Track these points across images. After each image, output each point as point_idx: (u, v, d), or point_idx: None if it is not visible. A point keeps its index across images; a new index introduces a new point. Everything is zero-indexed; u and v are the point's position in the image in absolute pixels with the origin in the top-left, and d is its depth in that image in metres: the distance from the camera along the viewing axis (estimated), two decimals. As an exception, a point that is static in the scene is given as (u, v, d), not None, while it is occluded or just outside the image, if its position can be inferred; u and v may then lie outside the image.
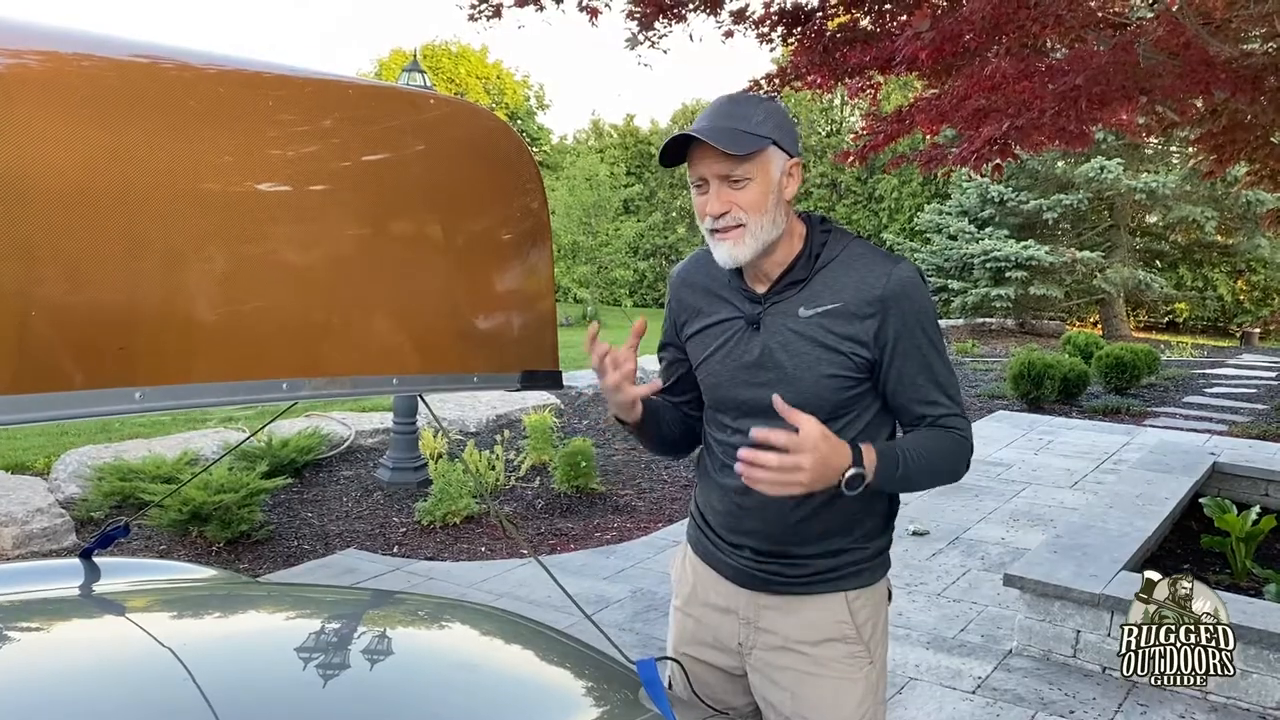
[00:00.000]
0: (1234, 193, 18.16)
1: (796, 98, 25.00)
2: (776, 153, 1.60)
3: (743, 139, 1.55)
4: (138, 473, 5.51)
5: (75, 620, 1.89)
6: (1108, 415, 10.01)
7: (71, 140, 1.24)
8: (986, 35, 3.80)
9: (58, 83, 1.27)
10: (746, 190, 1.58)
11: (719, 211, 1.59)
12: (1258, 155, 6.04)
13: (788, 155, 1.62)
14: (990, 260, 19.08)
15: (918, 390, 1.66)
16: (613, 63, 33.41)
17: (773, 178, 1.60)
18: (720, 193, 1.59)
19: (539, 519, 5.90)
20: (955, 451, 1.68)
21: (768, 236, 1.61)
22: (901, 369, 1.64)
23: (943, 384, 1.67)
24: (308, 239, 1.52)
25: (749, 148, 1.55)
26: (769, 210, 1.60)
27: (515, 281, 1.95)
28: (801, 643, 1.72)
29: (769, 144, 1.58)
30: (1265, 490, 5.97)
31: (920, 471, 1.62)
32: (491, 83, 38.43)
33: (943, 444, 1.67)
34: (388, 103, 1.74)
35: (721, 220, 1.60)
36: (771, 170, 1.59)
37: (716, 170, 1.58)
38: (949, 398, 1.68)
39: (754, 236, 1.60)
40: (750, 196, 1.58)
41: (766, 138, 1.58)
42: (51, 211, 1.19)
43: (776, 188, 1.60)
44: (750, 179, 1.58)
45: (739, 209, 1.59)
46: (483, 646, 1.91)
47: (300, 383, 1.46)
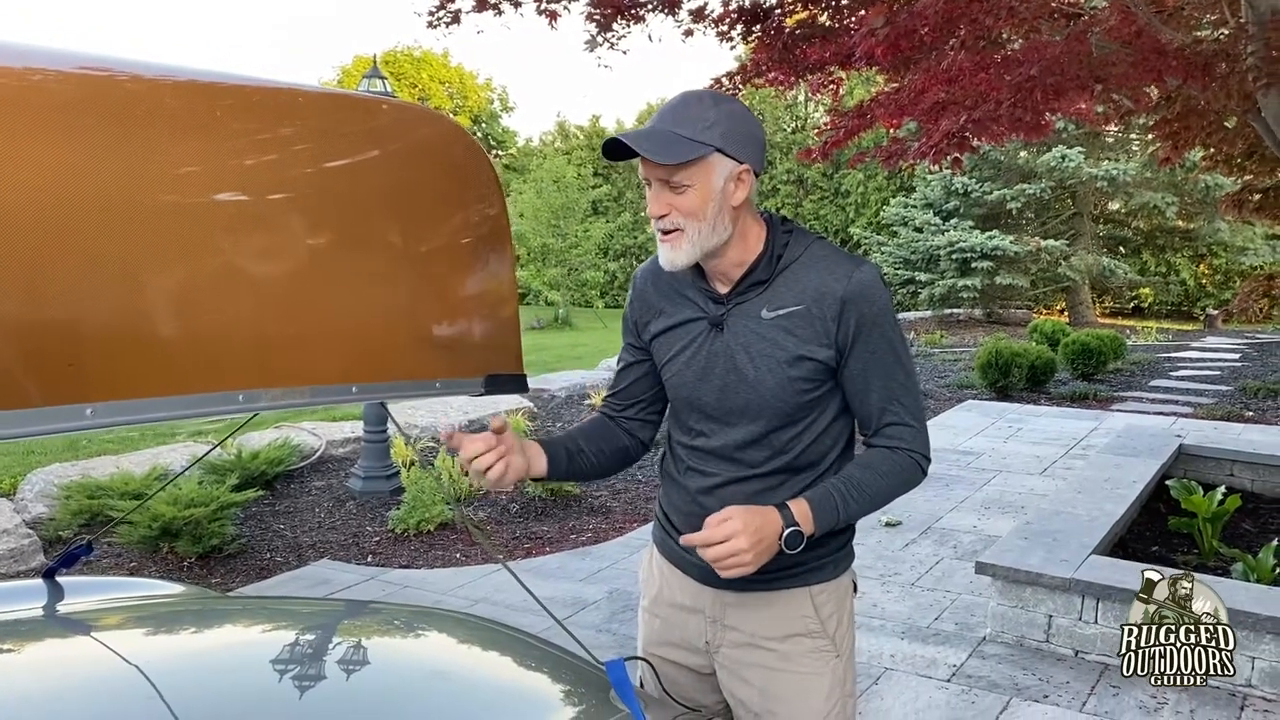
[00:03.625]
0: (1193, 178, 18.43)
1: (761, 94, 25.08)
2: (720, 160, 1.57)
3: (678, 146, 1.53)
4: (106, 490, 5.44)
5: (38, 641, 1.87)
6: (1075, 401, 10.13)
7: (19, 156, 1.22)
8: (941, 30, 3.83)
9: (6, 98, 1.25)
10: (686, 196, 1.57)
11: (658, 214, 1.60)
12: (1212, 140, 6.13)
13: (736, 162, 1.58)
14: (956, 251, 19.24)
15: (874, 393, 1.66)
16: (577, 64, 33.49)
17: (714, 185, 1.57)
18: (660, 195, 1.59)
19: (514, 523, 5.89)
20: (902, 470, 1.67)
21: (707, 244, 1.60)
22: (860, 370, 1.65)
23: (900, 387, 1.67)
24: (262, 249, 1.51)
25: (683, 156, 1.53)
26: (708, 218, 1.58)
27: (476, 286, 1.94)
28: (768, 639, 1.73)
29: (710, 151, 1.55)
30: (1230, 470, 6.06)
31: (864, 505, 1.64)
32: (454, 86, 38.31)
33: (888, 466, 1.66)
34: (340, 110, 1.73)
35: (662, 222, 1.60)
36: (713, 178, 1.57)
37: (657, 174, 1.58)
38: (903, 404, 1.68)
39: (691, 243, 1.60)
40: (689, 203, 1.57)
41: (708, 145, 1.55)
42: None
43: (718, 195, 1.58)
44: (690, 185, 1.56)
45: (678, 214, 1.58)
46: (453, 653, 1.91)
47: (257, 394, 1.45)
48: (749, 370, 1.65)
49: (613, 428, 1.87)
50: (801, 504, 1.57)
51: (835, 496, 1.60)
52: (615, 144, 1.56)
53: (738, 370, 1.66)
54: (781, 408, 1.64)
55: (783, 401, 1.64)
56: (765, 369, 1.64)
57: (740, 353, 1.66)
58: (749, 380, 1.65)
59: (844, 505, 1.61)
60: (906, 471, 1.68)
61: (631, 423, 1.88)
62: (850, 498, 1.61)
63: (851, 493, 1.62)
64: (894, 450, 1.68)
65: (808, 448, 1.68)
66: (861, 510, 1.64)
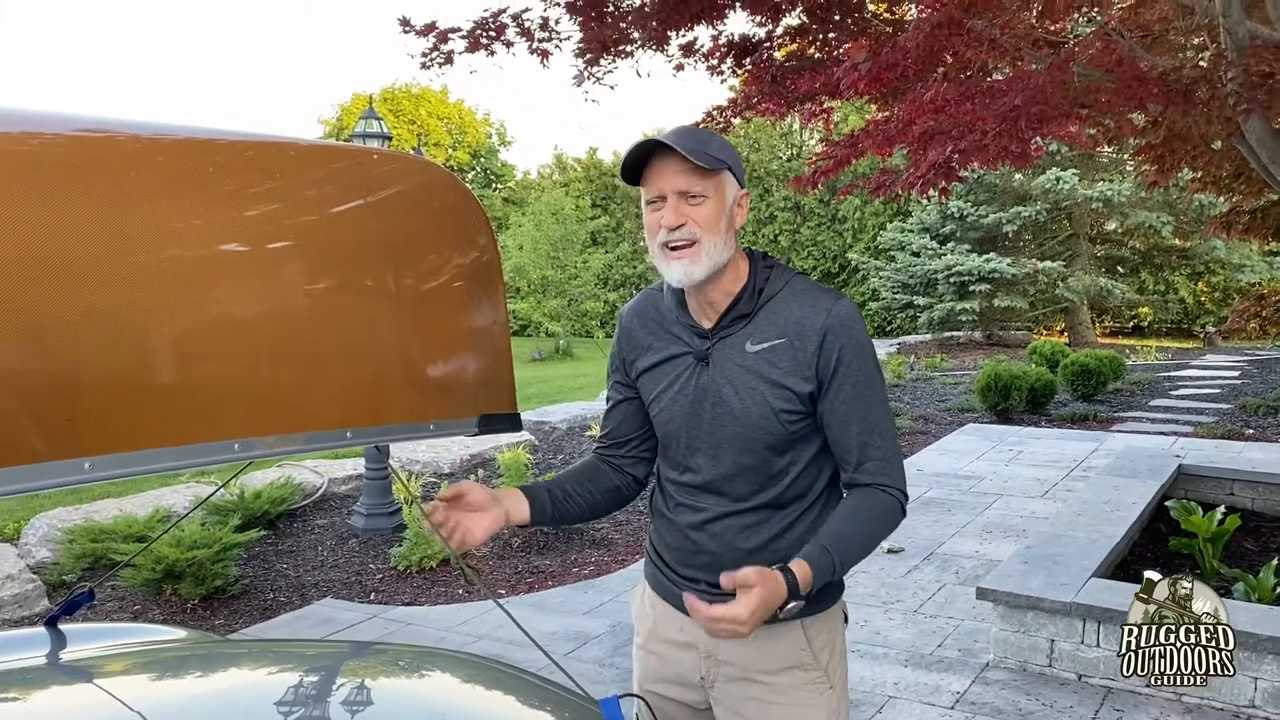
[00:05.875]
0: (1186, 197, 18.50)
1: (757, 123, 25.28)
2: (730, 179, 1.68)
3: (705, 156, 1.62)
4: (109, 533, 5.46)
5: (41, 690, 1.89)
6: (1076, 423, 10.13)
7: (16, 220, 1.26)
8: (924, 62, 3.89)
9: (3, 163, 1.29)
10: (703, 207, 1.63)
11: (675, 223, 1.63)
12: (1199, 163, 6.19)
13: (739, 186, 1.69)
14: (954, 275, 19.29)
15: (854, 425, 1.68)
16: (573, 98, 33.99)
17: (727, 200, 1.67)
18: (678, 206, 1.64)
19: (516, 557, 5.89)
20: (885, 513, 1.69)
21: (720, 257, 1.66)
22: (838, 402, 1.67)
23: (879, 422, 1.70)
24: (256, 301, 1.55)
25: (711, 164, 1.62)
26: (721, 232, 1.65)
27: (468, 329, 1.97)
28: (761, 672, 1.74)
29: (725, 168, 1.65)
30: (1230, 490, 6.07)
31: (852, 557, 1.65)
32: (453, 122, 38.59)
33: (870, 513, 1.68)
34: (331, 161, 1.77)
35: (677, 234, 1.63)
36: (726, 193, 1.67)
37: (676, 185, 1.63)
38: (883, 438, 1.70)
39: (708, 255, 1.64)
40: (706, 213, 1.64)
41: (724, 162, 1.65)
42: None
43: (729, 212, 1.67)
44: (707, 197, 1.64)
45: (695, 224, 1.63)
46: (451, 693, 1.92)
47: (252, 442, 1.48)
48: (735, 403, 1.68)
49: (603, 468, 1.91)
50: (804, 567, 1.57)
51: (829, 555, 1.60)
52: (634, 160, 1.64)
53: (724, 403, 1.69)
54: (767, 440, 1.67)
55: (768, 434, 1.67)
56: (751, 401, 1.67)
57: (726, 386, 1.69)
58: (735, 413, 1.68)
59: (836, 561, 1.61)
60: (890, 515, 1.70)
61: (624, 460, 1.91)
62: (841, 550, 1.62)
63: (840, 547, 1.62)
64: (880, 490, 1.69)
65: (795, 480, 1.71)
66: (851, 561, 1.65)
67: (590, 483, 1.88)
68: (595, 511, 1.89)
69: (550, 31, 5.28)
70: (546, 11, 5.25)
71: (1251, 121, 4.33)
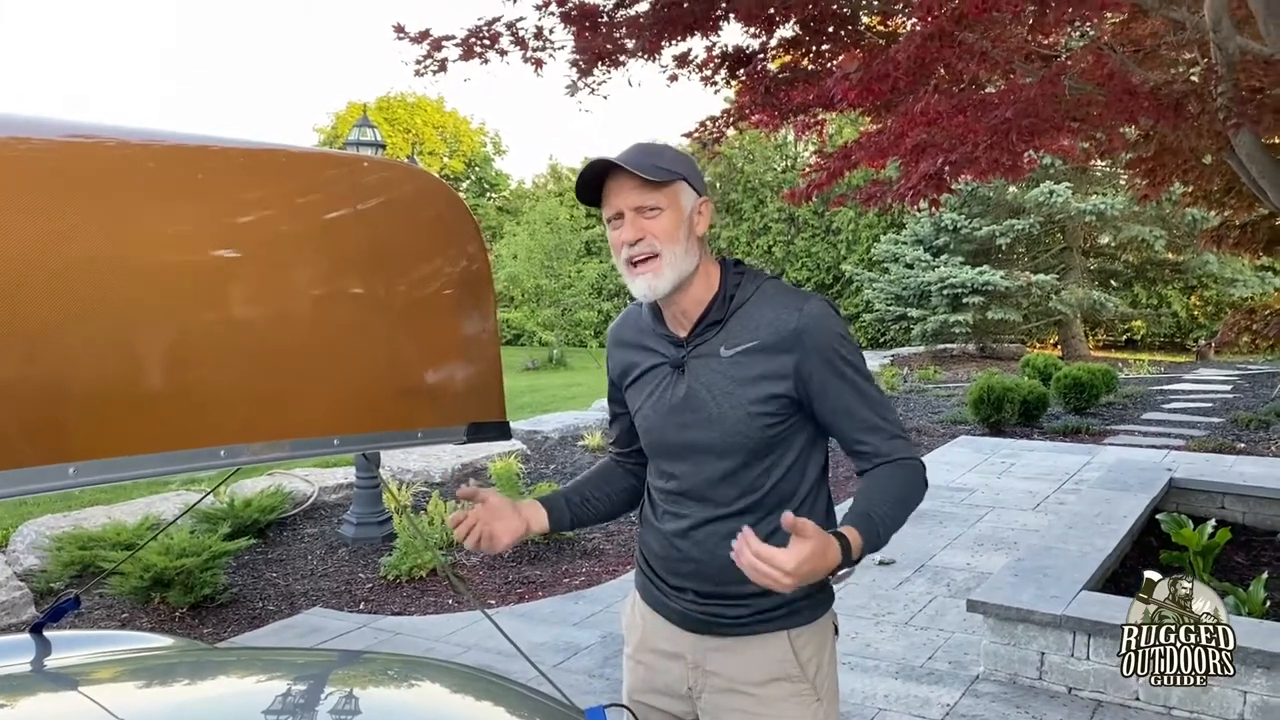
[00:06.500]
0: (1178, 211, 18.58)
1: (752, 134, 25.32)
2: (686, 188, 1.69)
3: (655, 169, 1.65)
4: (97, 540, 5.42)
5: (25, 697, 1.87)
6: (1068, 436, 10.15)
7: (4, 226, 1.26)
8: (915, 74, 3.91)
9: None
10: (659, 219, 1.66)
11: (634, 238, 1.66)
12: (1189, 177, 6.22)
13: (697, 194, 1.71)
14: (947, 287, 19.33)
15: (853, 416, 1.69)
16: (567, 107, 34.27)
17: (684, 210, 1.68)
18: (635, 221, 1.66)
19: (507, 568, 5.88)
20: (913, 481, 1.70)
21: (684, 267, 1.68)
22: (831, 398, 1.68)
23: (875, 405, 1.71)
24: (244, 307, 1.55)
25: (660, 176, 1.64)
26: (681, 241, 1.67)
27: (457, 337, 1.98)
28: (748, 684, 1.74)
29: (679, 178, 1.68)
30: (1221, 503, 6.07)
31: (892, 526, 1.64)
32: (448, 131, 38.64)
33: (901, 481, 1.68)
34: (322, 169, 1.77)
35: (638, 248, 1.66)
36: (683, 202, 1.68)
37: (631, 201, 1.65)
38: (885, 419, 1.71)
39: (671, 267, 1.67)
40: (664, 225, 1.66)
41: (677, 173, 1.67)
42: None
43: (688, 221, 1.69)
44: (662, 209, 1.66)
45: (653, 237, 1.66)
46: (438, 703, 1.91)
47: (239, 449, 1.48)
48: (712, 408, 1.69)
49: (618, 470, 1.98)
50: (854, 532, 1.56)
51: (874, 523, 1.60)
52: (587, 182, 1.67)
53: (702, 409, 1.70)
54: (746, 444, 1.68)
55: (747, 437, 1.68)
56: (728, 405, 1.68)
57: (703, 391, 1.71)
58: (713, 418, 1.69)
59: (881, 529, 1.61)
60: (915, 478, 1.70)
61: (637, 466, 1.96)
62: (882, 520, 1.61)
63: (880, 515, 1.61)
64: (895, 463, 1.69)
65: (777, 484, 1.72)
66: (890, 531, 1.64)
67: (606, 484, 1.94)
68: (614, 512, 1.95)
69: (544, 41, 5.29)
70: (541, 21, 5.27)
71: (1241, 136, 4.36)
